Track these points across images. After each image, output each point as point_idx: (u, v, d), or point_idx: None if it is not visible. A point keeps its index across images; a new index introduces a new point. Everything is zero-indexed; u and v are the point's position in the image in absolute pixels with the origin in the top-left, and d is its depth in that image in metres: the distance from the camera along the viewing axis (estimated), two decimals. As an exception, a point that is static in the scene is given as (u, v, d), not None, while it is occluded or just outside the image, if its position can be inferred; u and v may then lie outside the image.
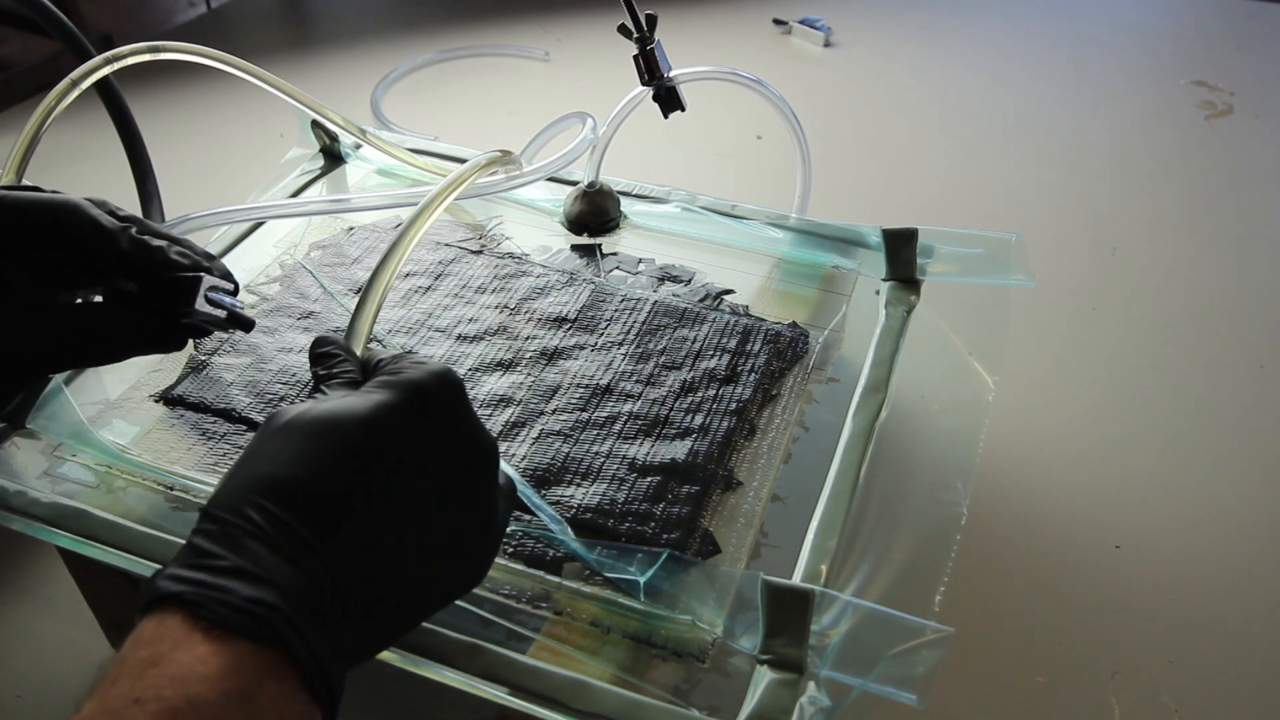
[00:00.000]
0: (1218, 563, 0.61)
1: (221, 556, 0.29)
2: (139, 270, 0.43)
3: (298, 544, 0.30)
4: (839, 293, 0.60)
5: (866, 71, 1.21)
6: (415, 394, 0.34)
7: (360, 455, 0.32)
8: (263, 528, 0.30)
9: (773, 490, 0.47)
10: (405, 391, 0.34)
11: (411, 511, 0.33)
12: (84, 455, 0.48)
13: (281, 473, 0.31)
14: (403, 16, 1.35)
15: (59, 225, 0.42)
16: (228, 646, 0.28)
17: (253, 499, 0.30)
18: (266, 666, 0.28)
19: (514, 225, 0.66)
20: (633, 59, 0.62)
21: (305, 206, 0.60)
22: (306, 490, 0.31)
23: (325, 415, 0.33)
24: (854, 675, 0.37)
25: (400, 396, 0.34)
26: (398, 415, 0.33)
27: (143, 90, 1.11)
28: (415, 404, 0.34)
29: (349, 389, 0.36)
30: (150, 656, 0.27)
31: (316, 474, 0.31)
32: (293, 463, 0.31)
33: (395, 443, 0.33)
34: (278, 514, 0.30)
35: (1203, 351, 0.78)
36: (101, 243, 0.42)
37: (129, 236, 0.43)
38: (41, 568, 0.60)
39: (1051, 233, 0.92)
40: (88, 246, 0.42)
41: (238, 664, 0.27)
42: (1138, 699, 0.54)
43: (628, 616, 0.41)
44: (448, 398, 0.35)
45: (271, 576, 0.29)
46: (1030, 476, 0.67)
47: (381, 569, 0.32)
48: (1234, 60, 1.24)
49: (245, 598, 0.28)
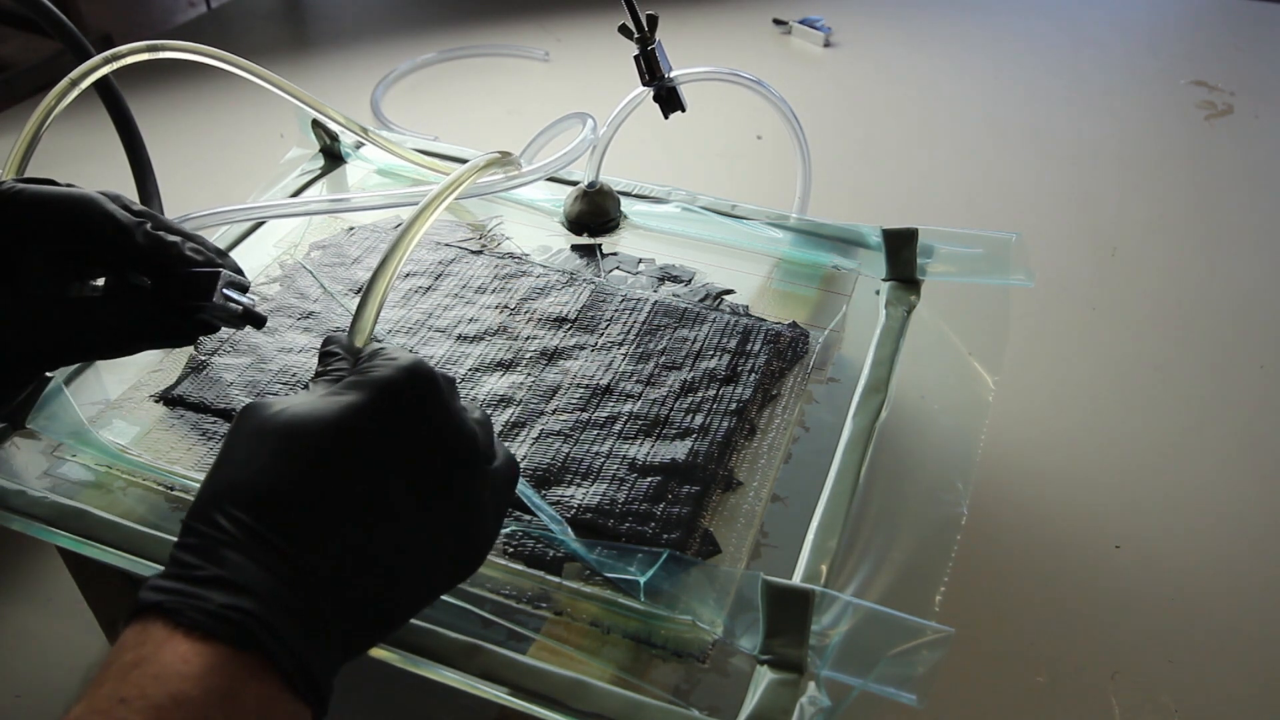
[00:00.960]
0: (1218, 563, 0.61)
1: (200, 567, 0.30)
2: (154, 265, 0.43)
3: (271, 551, 0.30)
4: (839, 293, 0.60)
5: (866, 71, 1.21)
6: (382, 391, 0.34)
7: (326, 459, 0.32)
8: (237, 536, 0.30)
9: (773, 490, 0.47)
10: (372, 390, 0.34)
11: (385, 510, 0.33)
12: (84, 455, 0.48)
13: (251, 480, 0.32)
14: (403, 16, 1.35)
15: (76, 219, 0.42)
16: (209, 647, 0.28)
17: (225, 509, 0.31)
18: (248, 668, 0.28)
19: (514, 225, 0.66)
20: (633, 59, 0.62)
21: (305, 206, 0.60)
22: (276, 497, 0.31)
23: (292, 420, 0.33)
24: (854, 675, 0.37)
25: (367, 395, 0.34)
26: (363, 415, 0.34)
27: (143, 90, 1.11)
28: (383, 402, 0.34)
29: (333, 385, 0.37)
30: (133, 660, 0.28)
31: (284, 481, 0.32)
32: (262, 470, 0.32)
33: (362, 443, 0.33)
34: (249, 523, 0.31)
35: (1203, 351, 0.78)
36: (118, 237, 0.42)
37: (144, 231, 0.43)
38: (41, 568, 0.60)
39: (1051, 233, 0.92)
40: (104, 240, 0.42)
41: (219, 664, 0.28)
42: (1138, 699, 0.54)
43: (628, 616, 0.41)
44: (416, 391, 0.35)
45: (248, 583, 0.29)
46: (1030, 476, 0.67)
47: (360, 569, 0.32)
48: (1234, 60, 1.24)
49: (221, 604, 0.29)
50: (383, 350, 0.37)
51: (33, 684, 0.54)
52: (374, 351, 0.37)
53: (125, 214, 0.43)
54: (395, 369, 0.35)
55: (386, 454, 0.33)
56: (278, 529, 0.31)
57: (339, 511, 0.32)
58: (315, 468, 0.32)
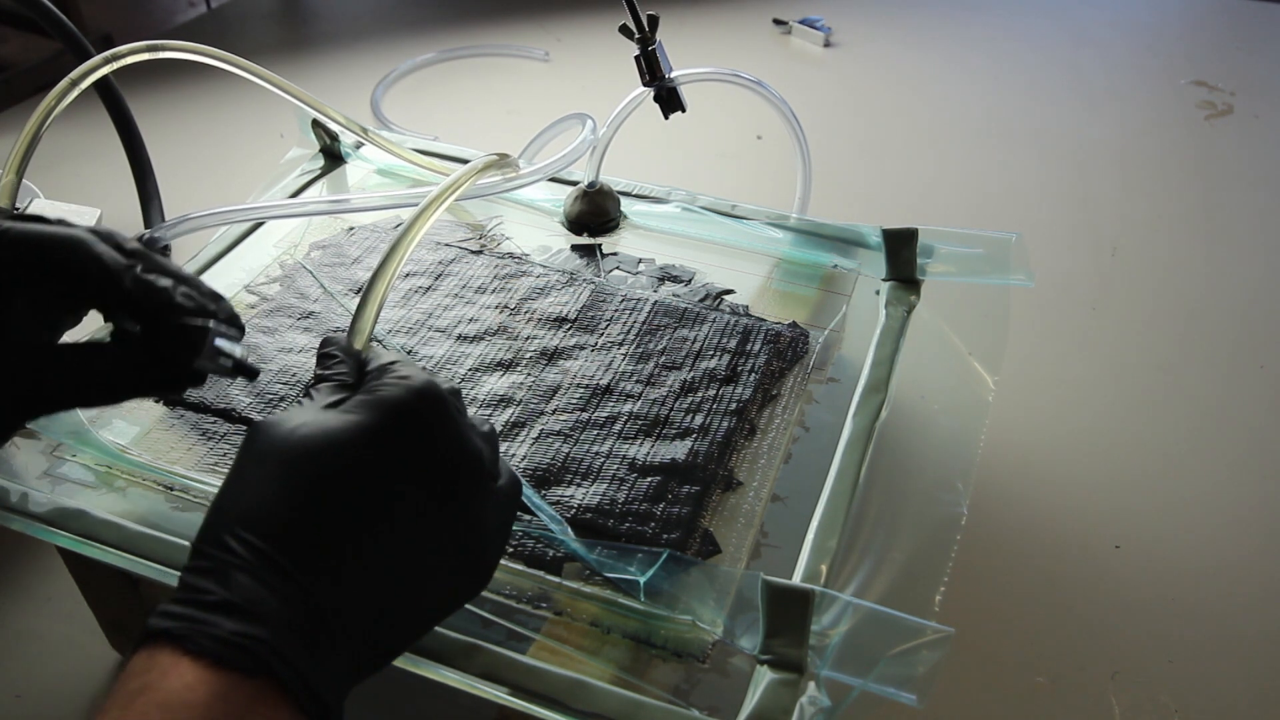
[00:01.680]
0: (1218, 563, 0.61)
1: (209, 591, 0.30)
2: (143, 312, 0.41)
3: (280, 575, 0.30)
4: (839, 293, 0.60)
5: (866, 71, 1.21)
6: (392, 414, 0.34)
7: (337, 483, 0.32)
8: (247, 560, 0.30)
9: (773, 490, 0.47)
10: (382, 412, 0.34)
11: (392, 533, 0.33)
12: (84, 455, 0.48)
13: (261, 504, 0.32)
14: (403, 16, 1.35)
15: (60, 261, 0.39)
16: (216, 674, 0.28)
17: (235, 531, 0.31)
18: (256, 694, 0.28)
19: (514, 225, 0.66)
20: (634, 59, 0.62)
21: (305, 206, 0.60)
22: (286, 521, 0.31)
23: (303, 442, 0.33)
24: (854, 675, 0.37)
25: (376, 418, 0.34)
26: (373, 438, 0.33)
27: (143, 90, 1.11)
28: (392, 424, 0.34)
29: (340, 392, 0.37)
30: (139, 687, 0.28)
31: (294, 505, 0.32)
32: (273, 493, 0.32)
33: (372, 467, 0.33)
34: (259, 546, 0.31)
35: (1203, 351, 0.78)
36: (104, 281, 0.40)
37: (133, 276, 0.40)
38: (41, 568, 0.60)
39: (1051, 233, 0.92)
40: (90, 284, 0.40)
41: (226, 691, 0.28)
42: (1138, 699, 0.54)
43: (628, 616, 0.41)
44: (427, 415, 0.35)
45: (257, 609, 0.29)
46: (1030, 476, 0.67)
47: (368, 591, 0.32)
48: (1234, 60, 1.24)
49: (231, 631, 0.29)
50: (393, 367, 0.37)
51: (33, 684, 0.54)
52: (383, 367, 0.37)
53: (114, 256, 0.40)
54: (407, 391, 0.35)
55: (396, 477, 0.33)
56: (287, 553, 0.31)
57: (348, 535, 0.32)
58: (325, 492, 0.32)
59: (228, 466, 0.48)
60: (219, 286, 0.59)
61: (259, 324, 0.57)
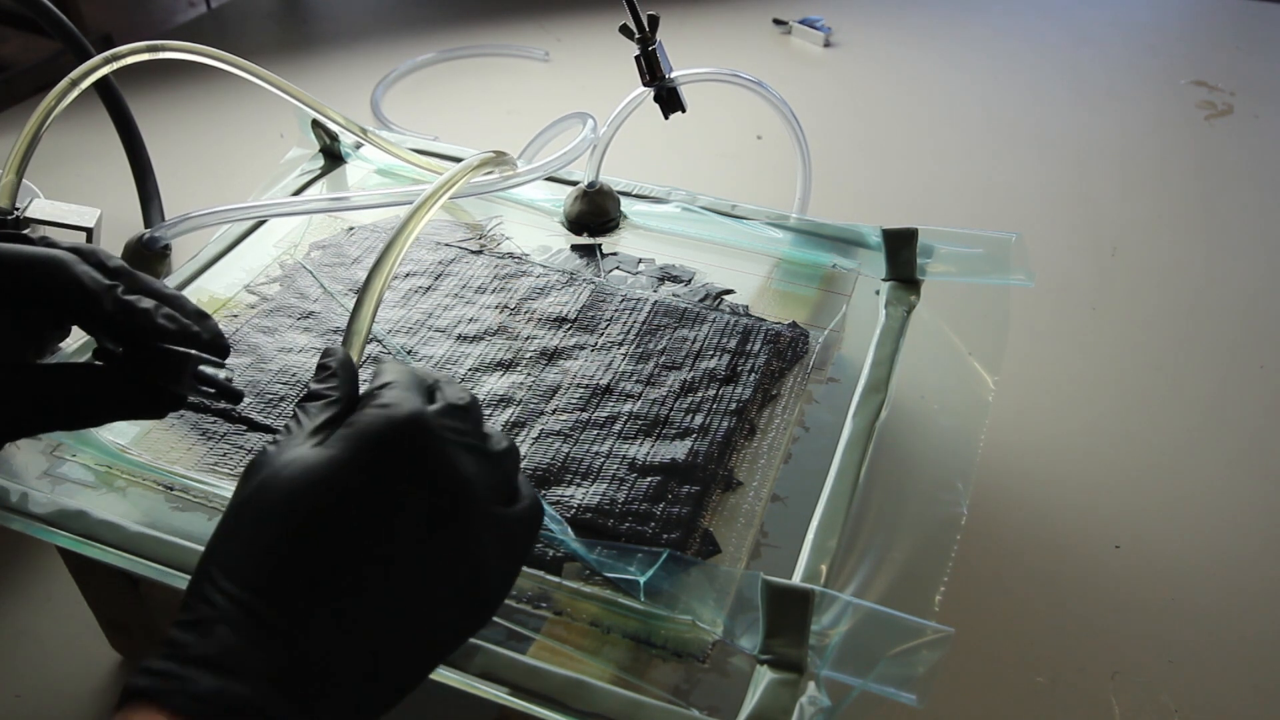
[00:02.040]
0: (1218, 563, 0.61)
1: (190, 645, 0.29)
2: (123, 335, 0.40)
3: (263, 627, 0.29)
4: (839, 293, 0.60)
5: (866, 71, 1.21)
6: (370, 448, 0.33)
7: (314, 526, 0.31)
8: (228, 611, 0.29)
9: (773, 490, 0.47)
10: (359, 446, 0.33)
11: (380, 572, 0.31)
12: (84, 455, 0.48)
13: (242, 551, 0.31)
14: (403, 16, 1.35)
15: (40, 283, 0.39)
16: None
17: (218, 582, 0.30)
18: None
19: (514, 225, 0.66)
20: (634, 59, 0.62)
21: (305, 204, 0.60)
22: (265, 569, 0.30)
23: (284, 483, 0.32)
24: (854, 675, 0.37)
25: (353, 453, 0.33)
26: (352, 474, 0.32)
27: (143, 90, 1.11)
28: (370, 459, 0.33)
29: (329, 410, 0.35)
30: None
31: (275, 553, 0.31)
32: (250, 538, 0.31)
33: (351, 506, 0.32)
34: (240, 596, 0.30)
35: (1203, 351, 0.78)
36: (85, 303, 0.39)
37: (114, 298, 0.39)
38: (41, 568, 0.60)
39: (1051, 233, 0.92)
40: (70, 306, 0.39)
41: None
42: (1138, 699, 0.54)
43: (628, 616, 0.41)
44: (408, 446, 0.33)
45: (239, 664, 0.28)
46: (1030, 476, 0.67)
47: (358, 636, 0.31)
48: (1234, 60, 1.24)
49: (209, 689, 0.28)
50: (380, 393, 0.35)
51: (33, 684, 0.54)
52: (371, 392, 0.36)
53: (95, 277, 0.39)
54: (387, 423, 0.33)
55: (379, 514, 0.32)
56: (270, 602, 0.30)
57: (330, 580, 0.31)
58: (305, 535, 0.31)
59: (228, 466, 0.48)
60: (219, 286, 0.60)
61: (259, 324, 0.57)
